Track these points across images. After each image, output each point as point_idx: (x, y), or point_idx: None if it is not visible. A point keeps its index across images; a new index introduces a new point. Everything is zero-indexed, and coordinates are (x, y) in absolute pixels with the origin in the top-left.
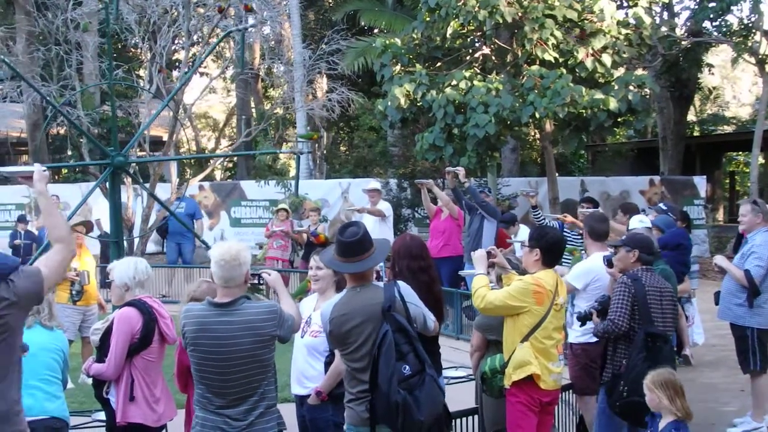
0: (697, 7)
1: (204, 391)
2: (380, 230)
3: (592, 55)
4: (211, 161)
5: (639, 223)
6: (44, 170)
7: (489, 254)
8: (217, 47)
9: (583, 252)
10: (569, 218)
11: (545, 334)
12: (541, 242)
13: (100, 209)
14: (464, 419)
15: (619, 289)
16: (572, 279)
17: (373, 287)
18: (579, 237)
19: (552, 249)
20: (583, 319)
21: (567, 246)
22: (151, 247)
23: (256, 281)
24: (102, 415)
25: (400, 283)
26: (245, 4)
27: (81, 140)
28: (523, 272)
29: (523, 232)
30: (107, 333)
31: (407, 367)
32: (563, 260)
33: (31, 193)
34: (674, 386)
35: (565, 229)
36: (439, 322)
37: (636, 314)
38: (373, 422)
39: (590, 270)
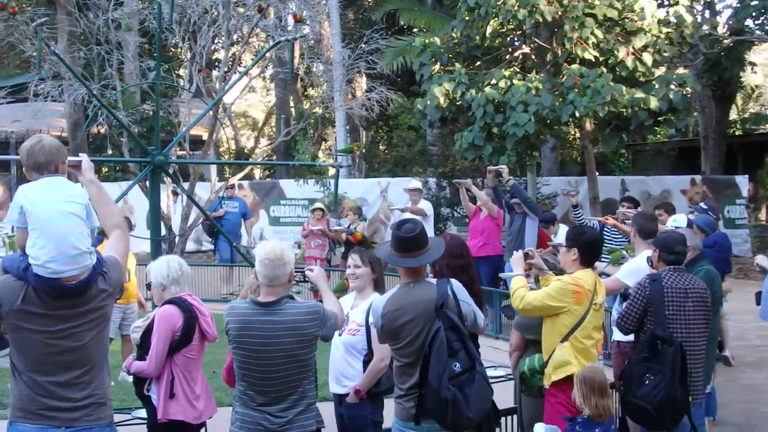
0: (739, 5)
1: (246, 387)
2: None
3: (633, 53)
4: (250, 160)
5: (673, 222)
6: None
7: (526, 255)
8: (256, 47)
9: (624, 252)
10: (611, 221)
11: (585, 334)
12: (579, 242)
13: (141, 208)
14: (503, 419)
15: (635, 291)
16: (623, 277)
17: (426, 284)
18: (621, 237)
19: (590, 248)
20: (624, 297)
21: (608, 246)
22: (190, 245)
23: (299, 278)
24: (142, 413)
25: (453, 281)
26: (294, 15)
27: (121, 139)
28: (560, 272)
29: (563, 232)
30: (148, 331)
31: (458, 364)
32: (601, 259)
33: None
34: (591, 384)
35: (605, 230)
36: None
37: (650, 315)
38: (419, 416)
39: (640, 268)
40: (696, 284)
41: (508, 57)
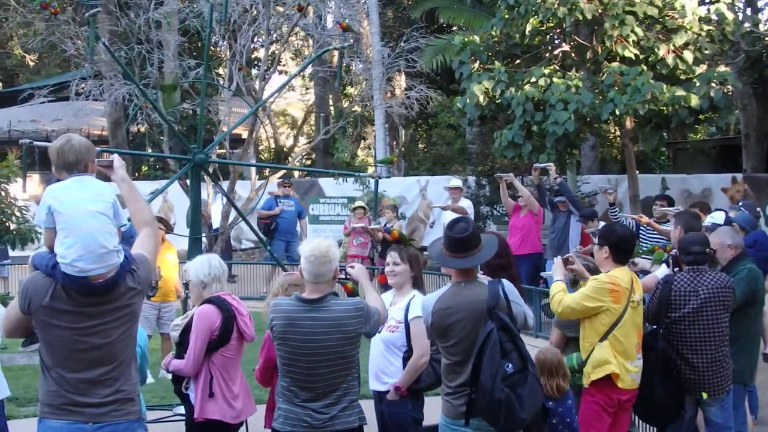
0: None
1: (289, 384)
2: None
3: (674, 51)
4: (290, 159)
5: (710, 219)
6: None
7: (567, 261)
8: (296, 46)
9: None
10: (645, 219)
11: (624, 332)
12: (610, 239)
13: (181, 207)
14: None
15: (652, 290)
16: (661, 274)
17: (477, 284)
18: (657, 236)
19: (620, 245)
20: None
21: (644, 245)
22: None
23: (342, 276)
24: (182, 409)
25: (504, 281)
26: (341, 23)
27: (161, 138)
28: (595, 272)
29: None
30: (187, 329)
31: (510, 365)
32: (643, 257)
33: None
34: (542, 365)
35: (640, 228)
36: None
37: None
38: (469, 416)
39: None
40: (713, 284)
41: (547, 55)
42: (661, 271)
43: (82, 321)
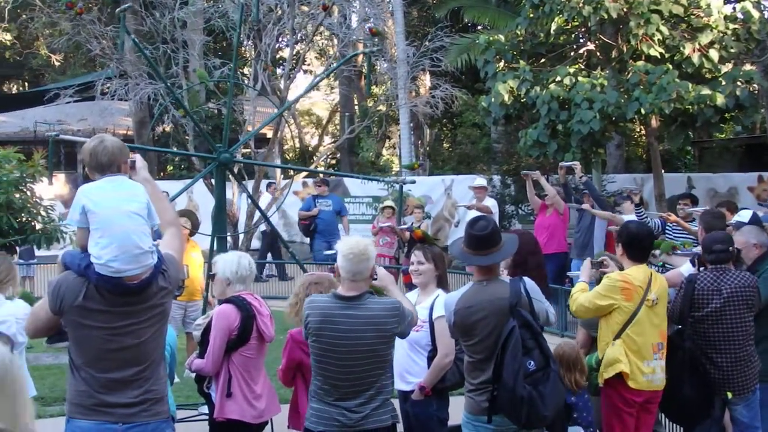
0: None
1: (322, 382)
2: None
3: (699, 50)
4: (315, 158)
5: (737, 217)
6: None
7: (601, 264)
8: (320, 45)
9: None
10: (673, 217)
11: (638, 331)
12: (622, 237)
13: (206, 206)
14: None
15: (677, 290)
16: (686, 270)
17: (499, 282)
18: (684, 235)
19: (632, 243)
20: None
21: (677, 242)
22: (255, 243)
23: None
24: (207, 409)
25: (526, 279)
26: (371, 28)
27: (186, 137)
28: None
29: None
30: (208, 329)
31: (532, 362)
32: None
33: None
34: (560, 359)
35: (667, 226)
36: None
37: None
38: (491, 412)
39: None
40: (736, 283)
41: (572, 54)
42: (686, 268)
43: (114, 321)
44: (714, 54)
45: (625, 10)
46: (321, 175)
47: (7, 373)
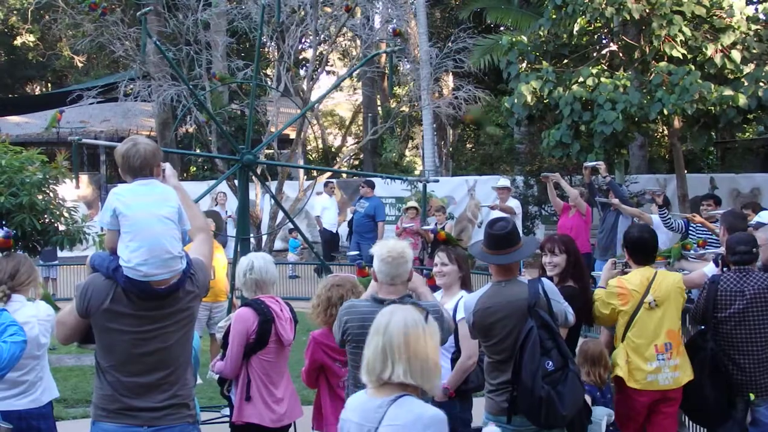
0: None
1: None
2: None
3: (721, 51)
4: (338, 159)
5: (757, 218)
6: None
7: (626, 264)
8: (343, 46)
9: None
10: (698, 218)
11: (637, 333)
12: (625, 241)
13: (229, 208)
14: None
15: (700, 291)
16: (708, 270)
17: (518, 282)
18: (709, 235)
19: (634, 247)
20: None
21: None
22: (278, 244)
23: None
24: (228, 411)
25: (544, 279)
26: (394, 29)
27: (209, 138)
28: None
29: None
30: (228, 332)
31: (551, 362)
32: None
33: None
34: (585, 354)
35: (690, 227)
36: None
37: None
38: (511, 413)
39: None
40: (759, 284)
41: (595, 55)
42: (709, 269)
43: (141, 325)
44: (736, 55)
45: (647, 11)
46: (345, 174)
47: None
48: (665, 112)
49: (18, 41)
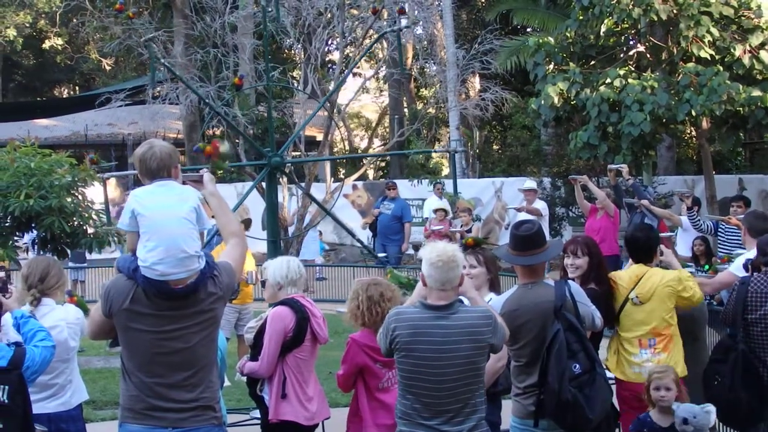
0: None
1: (412, 402)
2: None
3: (750, 51)
4: (365, 161)
5: None
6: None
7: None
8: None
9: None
10: (734, 220)
11: (622, 327)
12: (624, 240)
13: (256, 208)
14: None
15: (729, 292)
16: (735, 269)
17: (544, 285)
18: (738, 235)
19: (628, 245)
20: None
21: (724, 248)
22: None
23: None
24: (259, 413)
25: (571, 282)
26: (400, 8)
27: (237, 141)
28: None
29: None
30: (261, 331)
31: (577, 365)
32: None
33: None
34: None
35: (719, 229)
36: None
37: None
38: (538, 416)
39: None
40: None
41: (622, 56)
42: (735, 267)
43: (162, 325)
44: (765, 55)
45: (675, 11)
46: (372, 177)
47: None
48: (693, 113)
49: (46, 44)
